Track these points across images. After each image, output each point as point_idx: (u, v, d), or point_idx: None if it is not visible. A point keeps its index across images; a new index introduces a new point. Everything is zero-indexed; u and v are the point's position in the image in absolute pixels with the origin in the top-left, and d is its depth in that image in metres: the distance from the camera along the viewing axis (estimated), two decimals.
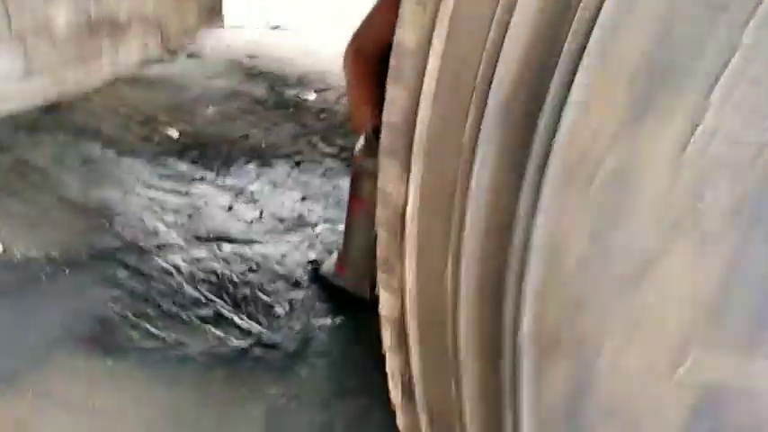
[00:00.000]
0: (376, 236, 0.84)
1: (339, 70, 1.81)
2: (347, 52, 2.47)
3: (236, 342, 1.64)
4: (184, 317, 1.70)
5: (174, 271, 1.88)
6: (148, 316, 1.68)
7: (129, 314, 1.66)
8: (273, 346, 1.64)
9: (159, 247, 1.98)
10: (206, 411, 1.40)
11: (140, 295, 1.75)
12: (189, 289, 1.82)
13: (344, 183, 2.51)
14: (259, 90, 3.38)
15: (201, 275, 1.88)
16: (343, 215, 2.00)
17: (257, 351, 1.62)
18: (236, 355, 1.59)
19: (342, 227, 2.03)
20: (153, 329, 1.63)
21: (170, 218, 2.14)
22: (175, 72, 3.47)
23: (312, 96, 3.39)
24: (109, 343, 1.55)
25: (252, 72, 3.62)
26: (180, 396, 1.44)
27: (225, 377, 1.52)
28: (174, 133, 2.72)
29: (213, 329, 1.67)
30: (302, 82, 3.57)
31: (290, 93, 3.39)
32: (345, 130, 3.14)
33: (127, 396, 1.42)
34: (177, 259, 1.93)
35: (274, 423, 1.40)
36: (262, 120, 3.01)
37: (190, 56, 3.74)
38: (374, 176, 0.83)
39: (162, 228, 2.08)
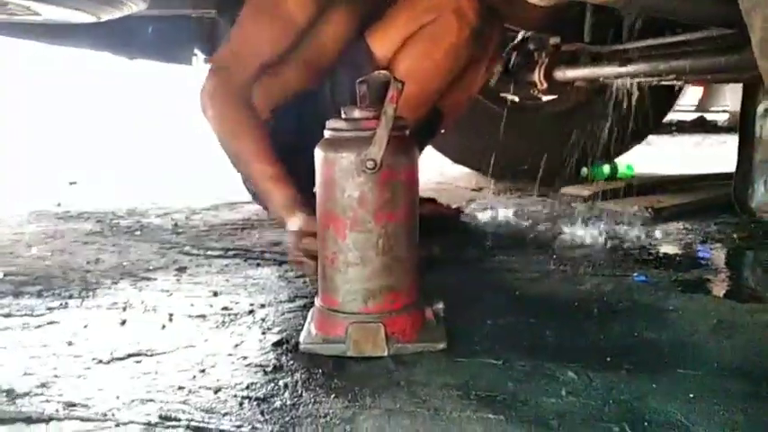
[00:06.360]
0: None
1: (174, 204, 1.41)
2: (209, 92, 1.99)
3: None
4: None
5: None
6: None
7: None
8: None
9: (45, 385, 1.25)
10: None
11: None
12: None
13: (263, 272, 2.00)
14: (86, 226, 2.70)
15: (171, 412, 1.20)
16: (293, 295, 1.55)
17: None
18: None
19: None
20: None
21: (38, 352, 1.41)
22: None
23: (156, 220, 2.80)
24: None
25: (67, 215, 2.92)
26: None
27: None
28: None
29: None
30: (135, 213, 2.96)
31: (126, 222, 2.77)
32: (227, 230, 2.59)
33: None
34: (81, 393, 1.22)
35: None
36: (106, 246, 2.35)
37: None
38: None
39: (34, 365, 1.35)
